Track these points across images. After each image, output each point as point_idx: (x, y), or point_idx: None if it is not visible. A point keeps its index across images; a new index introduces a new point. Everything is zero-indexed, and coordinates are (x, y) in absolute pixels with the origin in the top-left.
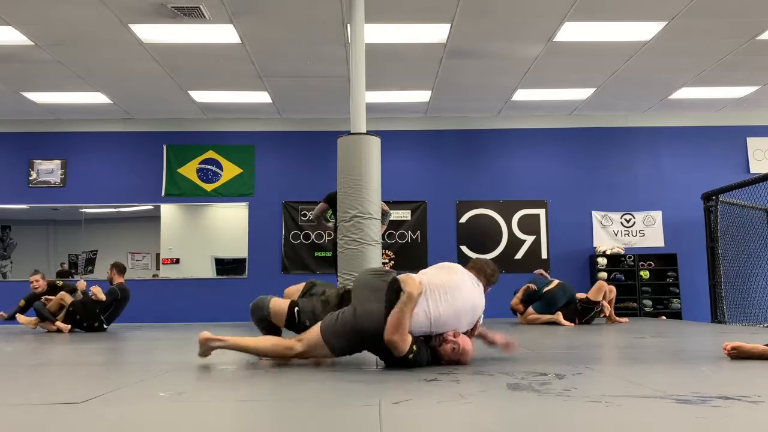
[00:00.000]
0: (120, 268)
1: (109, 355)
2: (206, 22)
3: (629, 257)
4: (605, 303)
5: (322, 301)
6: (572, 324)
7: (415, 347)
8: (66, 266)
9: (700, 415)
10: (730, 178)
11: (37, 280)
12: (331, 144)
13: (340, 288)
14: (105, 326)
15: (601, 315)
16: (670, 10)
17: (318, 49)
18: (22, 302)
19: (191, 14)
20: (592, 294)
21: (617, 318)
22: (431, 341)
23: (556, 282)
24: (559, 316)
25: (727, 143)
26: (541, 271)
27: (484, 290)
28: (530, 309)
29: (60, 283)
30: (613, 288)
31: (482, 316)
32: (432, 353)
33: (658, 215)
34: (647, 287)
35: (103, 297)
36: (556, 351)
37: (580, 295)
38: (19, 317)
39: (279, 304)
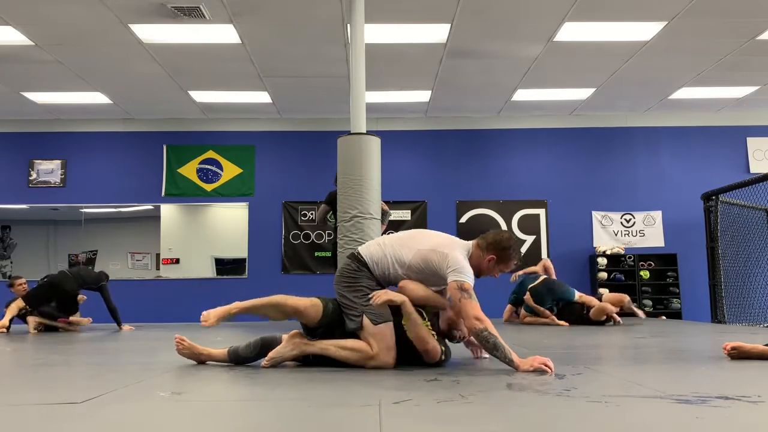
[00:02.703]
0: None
1: (109, 355)
2: (206, 22)
3: (629, 257)
4: (614, 315)
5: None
6: (567, 324)
7: (443, 348)
8: (82, 256)
9: (700, 415)
10: (730, 178)
11: (23, 282)
12: (331, 144)
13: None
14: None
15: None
16: (670, 10)
17: (318, 49)
18: (11, 311)
19: (191, 14)
20: (595, 314)
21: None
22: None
23: (541, 278)
24: (552, 318)
25: (727, 143)
26: (534, 269)
27: (488, 261)
28: (523, 311)
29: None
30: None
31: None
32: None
33: (658, 215)
34: (647, 287)
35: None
36: (556, 351)
37: (586, 299)
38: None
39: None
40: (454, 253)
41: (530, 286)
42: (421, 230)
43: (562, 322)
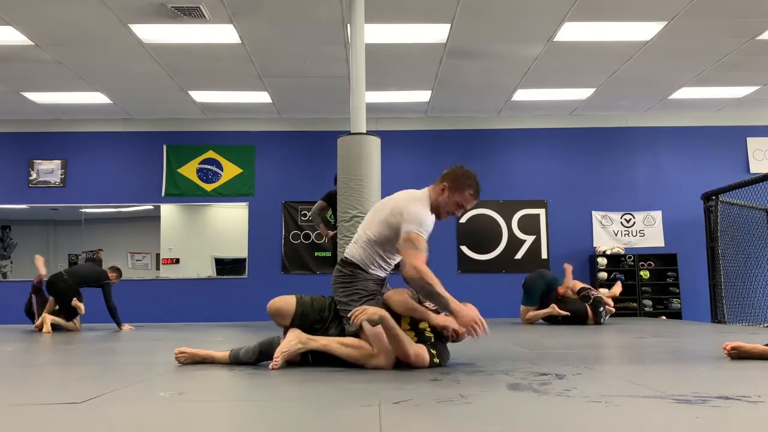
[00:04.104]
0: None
1: (109, 355)
2: (206, 22)
3: (629, 257)
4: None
5: (319, 312)
6: (567, 313)
7: (434, 351)
8: (101, 252)
9: (700, 415)
10: (730, 178)
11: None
12: (331, 144)
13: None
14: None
15: (606, 310)
16: (670, 10)
17: (318, 49)
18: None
19: (191, 14)
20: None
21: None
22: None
23: (537, 271)
24: (553, 307)
25: (727, 143)
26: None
27: (441, 191)
28: (522, 308)
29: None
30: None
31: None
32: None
33: (658, 215)
34: (647, 287)
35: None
36: (556, 351)
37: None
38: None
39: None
40: (408, 206)
41: (525, 278)
42: (384, 199)
43: (563, 312)
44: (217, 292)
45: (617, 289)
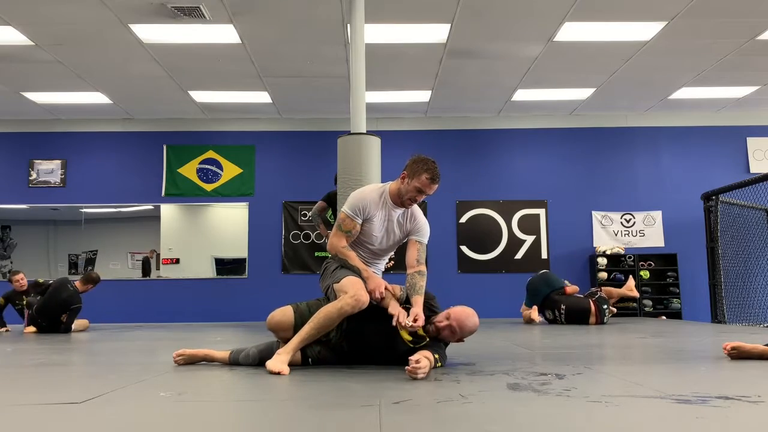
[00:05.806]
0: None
1: (109, 355)
2: (206, 22)
3: (629, 257)
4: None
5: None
6: (541, 318)
7: (437, 356)
8: (154, 253)
9: (700, 415)
10: (730, 178)
11: (22, 278)
12: (331, 144)
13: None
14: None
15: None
16: (670, 10)
17: (318, 49)
18: (0, 300)
19: (191, 14)
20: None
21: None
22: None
23: (541, 272)
24: (533, 311)
25: (727, 143)
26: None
27: (402, 179)
28: (524, 306)
29: (41, 280)
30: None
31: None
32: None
33: (658, 215)
34: (647, 287)
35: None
36: (556, 351)
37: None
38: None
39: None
40: (352, 194)
41: (529, 280)
42: None
43: (538, 317)
44: (217, 292)
45: (630, 283)
